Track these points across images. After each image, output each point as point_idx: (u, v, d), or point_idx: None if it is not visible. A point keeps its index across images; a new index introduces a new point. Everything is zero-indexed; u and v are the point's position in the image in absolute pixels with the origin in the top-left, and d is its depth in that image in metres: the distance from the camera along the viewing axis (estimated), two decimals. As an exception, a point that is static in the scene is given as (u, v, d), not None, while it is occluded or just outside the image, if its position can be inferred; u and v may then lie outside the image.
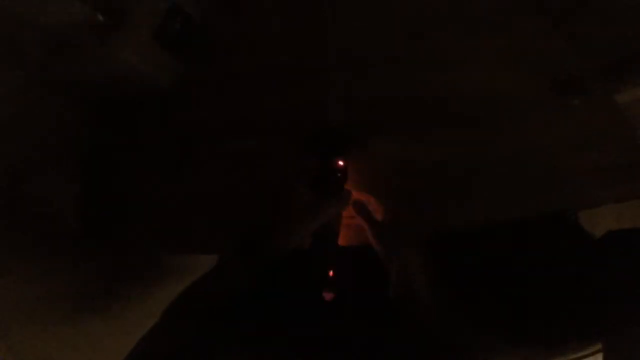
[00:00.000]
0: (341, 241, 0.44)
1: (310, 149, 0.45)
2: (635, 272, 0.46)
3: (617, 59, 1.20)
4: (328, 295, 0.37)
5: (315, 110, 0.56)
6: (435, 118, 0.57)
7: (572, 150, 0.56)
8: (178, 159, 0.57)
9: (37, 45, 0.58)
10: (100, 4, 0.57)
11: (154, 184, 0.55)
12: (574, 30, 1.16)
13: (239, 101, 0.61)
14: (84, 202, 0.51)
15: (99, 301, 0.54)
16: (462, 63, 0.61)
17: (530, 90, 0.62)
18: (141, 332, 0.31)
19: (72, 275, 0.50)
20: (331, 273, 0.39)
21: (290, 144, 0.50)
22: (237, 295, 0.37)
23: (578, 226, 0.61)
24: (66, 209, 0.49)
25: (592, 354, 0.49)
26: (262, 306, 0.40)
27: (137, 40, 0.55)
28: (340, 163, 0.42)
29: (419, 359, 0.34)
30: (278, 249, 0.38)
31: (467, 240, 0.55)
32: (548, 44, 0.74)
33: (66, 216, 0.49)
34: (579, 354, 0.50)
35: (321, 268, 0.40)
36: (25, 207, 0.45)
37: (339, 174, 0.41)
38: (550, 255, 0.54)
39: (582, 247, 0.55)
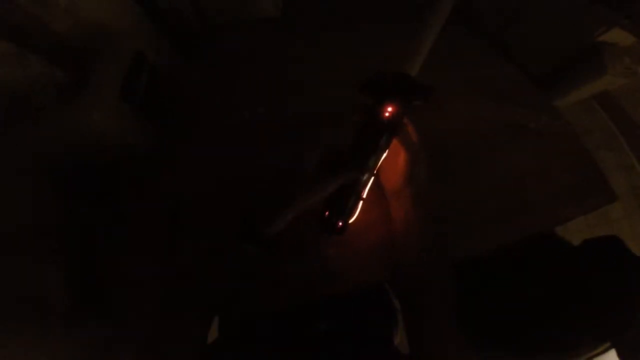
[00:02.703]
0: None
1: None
2: (616, 273, 0.49)
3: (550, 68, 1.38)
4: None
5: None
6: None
7: (537, 175, 0.60)
8: (166, 230, 0.52)
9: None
10: (57, 58, 0.54)
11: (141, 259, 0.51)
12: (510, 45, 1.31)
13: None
14: (69, 279, 0.47)
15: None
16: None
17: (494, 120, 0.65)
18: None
19: (64, 347, 0.47)
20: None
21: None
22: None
23: (557, 240, 0.65)
24: (51, 290, 0.46)
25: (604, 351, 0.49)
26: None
27: (102, 100, 0.50)
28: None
29: None
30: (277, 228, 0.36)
31: (465, 268, 0.54)
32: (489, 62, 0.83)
33: (52, 297, 0.46)
34: (593, 353, 0.50)
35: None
36: (9, 292, 0.41)
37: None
38: (543, 269, 0.56)
39: (567, 257, 0.58)
